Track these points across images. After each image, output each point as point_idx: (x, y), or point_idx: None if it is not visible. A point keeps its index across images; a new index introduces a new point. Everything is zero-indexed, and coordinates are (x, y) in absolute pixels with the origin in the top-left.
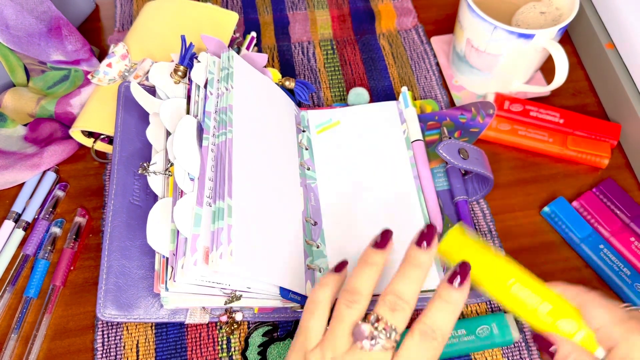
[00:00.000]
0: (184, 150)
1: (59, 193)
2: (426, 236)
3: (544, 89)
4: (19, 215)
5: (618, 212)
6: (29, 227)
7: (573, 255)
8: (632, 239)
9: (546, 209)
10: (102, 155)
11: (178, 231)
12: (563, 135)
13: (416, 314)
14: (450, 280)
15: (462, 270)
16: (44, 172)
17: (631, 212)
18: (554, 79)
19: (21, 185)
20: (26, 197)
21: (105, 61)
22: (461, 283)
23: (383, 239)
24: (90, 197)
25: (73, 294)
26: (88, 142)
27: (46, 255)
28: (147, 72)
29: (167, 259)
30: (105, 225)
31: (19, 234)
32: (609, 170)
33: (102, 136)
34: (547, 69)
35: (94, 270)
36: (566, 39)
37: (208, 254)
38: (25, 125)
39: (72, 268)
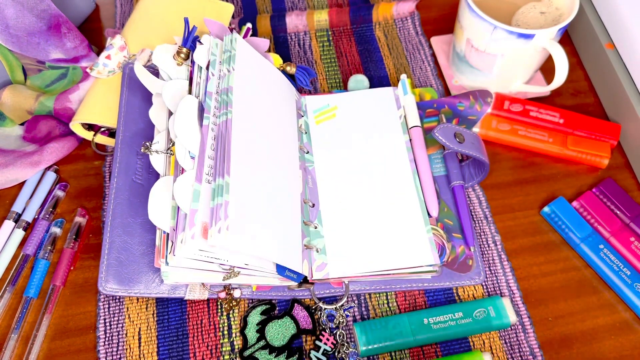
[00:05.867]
0: (185, 128)
1: (59, 193)
2: None
3: (544, 89)
4: (19, 215)
5: (618, 212)
6: (29, 227)
7: (573, 255)
8: (632, 239)
9: (546, 209)
10: (102, 148)
11: (178, 208)
12: (563, 135)
13: (410, 298)
14: None
15: None
16: (44, 172)
17: (631, 212)
18: (554, 79)
19: (21, 185)
20: (26, 197)
21: (104, 53)
22: None
23: None
24: (90, 197)
25: (73, 294)
26: (88, 135)
27: (46, 255)
28: (148, 62)
29: (168, 234)
30: (108, 203)
31: (19, 234)
32: (609, 170)
33: (102, 129)
34: (547, 69)
35: (94, 270)
36: (566, 39)
37: (207, 229)
38: (22, 124)
39: (72, 268)
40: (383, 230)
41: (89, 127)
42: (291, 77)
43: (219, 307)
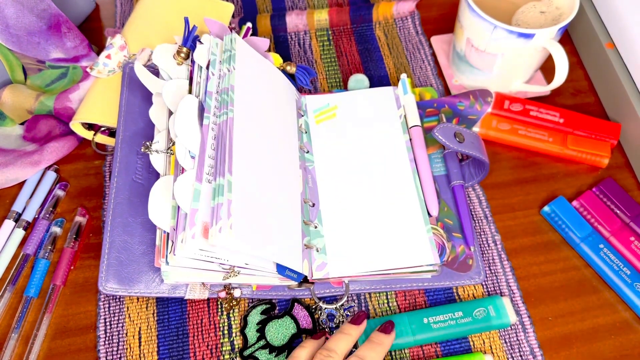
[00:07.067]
0: (185, 128)
1: (59, 192)
2: (359, 318)
3: (544, 89)
4: (19, 215)
5: (618, 211)
6: (29, 227)
7: (573, 254)
8: (632, 238)
9: (546, 208)
10: (102, 147)
11: (179, 207)
12: (563, 135)
13: (410, 298)
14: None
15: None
16: (44, 172)
17: (631, 212)
18: (554, 79)
19: (21, 184)
20: (26, 197)
21: (104, 53)
22: (388, 331)
23: (358, 318)
24: (90, 196)
25: (73, 294)
26: (88, 134)
27: (46, 254)
28: (148, 62)
29: (168, 234)
30: (108, 202)
31: (19, 233)
32: (609, 169)
33: (102, 128)
34: (547, 68)
35: (94, 270)
36: (566, 38)
37: (207, 229)
38: (22, 124)
39: (72, 267)
40: (383, 230)
41: (89, 126)
42: (291, 77)
43: (219, 306)
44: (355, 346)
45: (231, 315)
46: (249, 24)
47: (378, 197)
